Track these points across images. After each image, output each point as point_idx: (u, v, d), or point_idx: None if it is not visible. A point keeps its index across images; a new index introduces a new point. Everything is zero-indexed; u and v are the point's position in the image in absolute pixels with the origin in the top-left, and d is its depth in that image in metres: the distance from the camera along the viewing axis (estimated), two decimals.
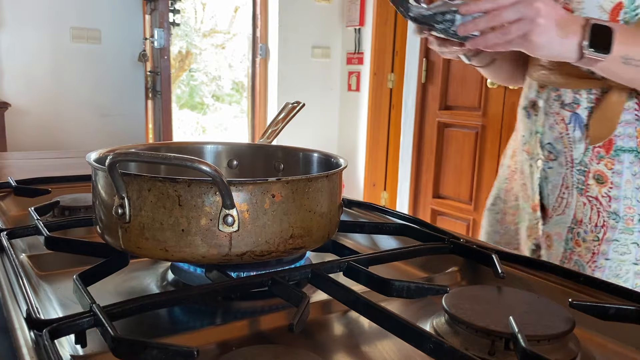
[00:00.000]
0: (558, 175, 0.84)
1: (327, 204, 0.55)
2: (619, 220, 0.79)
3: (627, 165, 0.78)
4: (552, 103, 0.83)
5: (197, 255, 0.49)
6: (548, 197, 0.85)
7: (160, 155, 0.48)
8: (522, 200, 0.93)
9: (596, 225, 0.80)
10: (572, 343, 0.44)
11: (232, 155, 0.76)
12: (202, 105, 6.01)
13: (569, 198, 0.83)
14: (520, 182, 0.94)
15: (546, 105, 0.84)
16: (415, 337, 0.41)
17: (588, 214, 0.81)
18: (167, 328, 0.50)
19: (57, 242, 0.60)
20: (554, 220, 0.85)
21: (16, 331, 0.41)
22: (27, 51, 3.31)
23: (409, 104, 3.58)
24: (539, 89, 0.86)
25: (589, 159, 0.80)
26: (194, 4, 5.54)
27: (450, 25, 0.71)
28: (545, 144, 0.85)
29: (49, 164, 1.37)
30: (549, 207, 0.86)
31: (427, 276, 0.64)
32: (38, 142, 3.35)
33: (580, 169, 0.81)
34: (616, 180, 0.78)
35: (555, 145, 0.83)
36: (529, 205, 0.90)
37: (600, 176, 0.79)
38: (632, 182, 0.78)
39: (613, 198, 0.79)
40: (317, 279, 0.52)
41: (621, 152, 0.78)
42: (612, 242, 0.79)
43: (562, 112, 0.82)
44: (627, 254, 0.79)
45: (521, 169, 0.93)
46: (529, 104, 0.89)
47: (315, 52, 4.08)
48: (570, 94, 0.81)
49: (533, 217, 0.89)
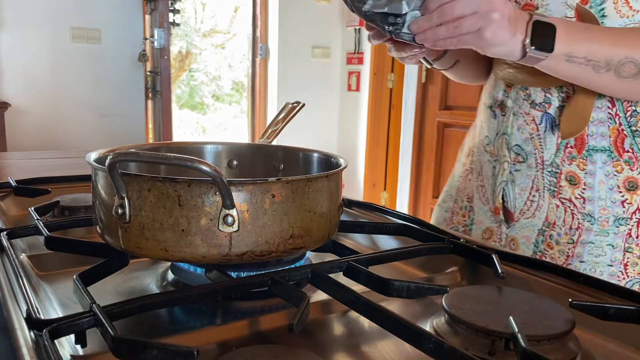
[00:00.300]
0: (527, 178, 0.81)
1: (327, 204, 0.55)
2: (594, 222, 0.77)
3: (600, 166, 0.76)
4: (522, 103, 0.81)
5: (197, 255, 0.49)
6: (514, 200, 0.83)
7: (160, 155, 0.48)
8: (478, 202, 0.90)
9: (571, 228, 0.78)
10: (572, 343, 0.44)
11: (232, 155, 0.76)
12: (202, 105, 6.01)
13: (539, 201, 0.80)
14: (476, 183, 0.91)
15: (515, 105, 0.82)
16: (415, 337, 0.41)
17: (562, 216, 0.79)
18: (167, 328, 0.50)
19: (57, 242, 0.60)
20: (520, 224, 0.83)
21: (16, 331, 0.41)
22: (27, 51, 3.31)
23: (409, 104, 3.58)
24: (506, 88, 0.83)
25: (560, 160, 0.78)
26: (194, 4, 5.54)
27: (401, 26, 0.66)
28: (513, 146, 0.82)
29: (49, 164, 1.37)
30: (513, 211, 0.83)
31: (427, 276, 0.64)
32: (38, 142, 3.35)
33: (552, 170, 0.79)
34: (589, 181, 0.77)
35: (523, 146, 0.81)
36: (488, 208, 0.88)
37: (572, 177, 0.77)
38: (606, 183, 0.76)
39: (587, 200, 0.77)
40: (317, 279, 0.52)
41: (594, 152, 0.76)
42: (587, 245, 0.78)
43: (533, 112, 0.79)
44: (602, 255, 0.77)
45: (480, 170, 0.90)
46: (495, 103, 0.86)
47: (315, 52, 4.08)
48: (541, 92, 0.79)
49: (493, 220, 0.86)
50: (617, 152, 0.76)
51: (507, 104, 0.83)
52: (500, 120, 0.85)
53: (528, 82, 0.79)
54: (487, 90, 0.91)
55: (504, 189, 0.84)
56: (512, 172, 0.83)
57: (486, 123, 0.88)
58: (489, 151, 0.88)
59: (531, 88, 0.80)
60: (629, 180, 0.76)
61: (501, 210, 0.85)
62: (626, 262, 0.77)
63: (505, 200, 0.84)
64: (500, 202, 0.84)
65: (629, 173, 0.76)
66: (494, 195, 0.86)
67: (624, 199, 0.76)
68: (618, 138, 0.76)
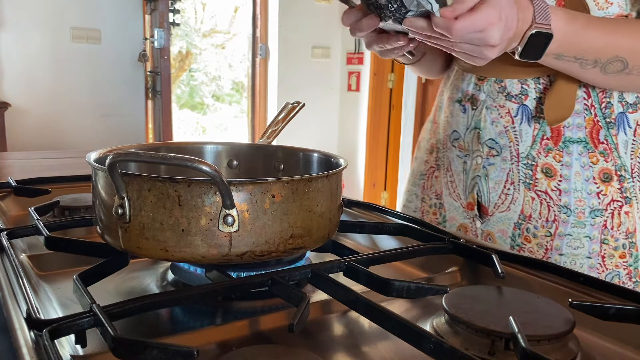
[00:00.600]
0: (501, 171, 0.80)
1: (327, 204, 0.55)
2: (570, 214, 0.77)
3: (576, 157, 0.76)
4: (496, 95, 0.80)
5: (197, 255, 0.49)
6: (488, 194, 0.82)
7: (160, 155, 0.48)
8: (448, 199, 0.89)
9: (547, 220, 0.78)
10: (572, 343, 0.44)
11: (232, 155, 0.76)
12: (202, 105, 6.01)
13: (514, 194, 0.80)
14: (445, 179, 0.90)
15: (488, 99, 0.80)
16: (415, 337, 0.41)
17: (537, 209, 0.79)
18: (167, 328, 0.50)
19: (57, 242, 0.60)
20: (495, 218, 0.82)
21: (16, 331, 0.41)
22: (27, 51, 3.31)
23: (409, 104, 3.58)
24: (478, 81, 0.82)
25: (536, 152, 0.78)
26: (194, 4, 5.54)
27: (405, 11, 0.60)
28: (486, 140, 0.81)
29: (49, 164, 1.37)
30: (487, 205, 0.83)
31: (427, 276, 0.64)
32: (38, 142, 3.35)
33: (527, 162, 0.78)
34: (565, 172, 0.77)
35: (498, 140, 0.80)
36: (460, 204, 0.87)
37: (549, 169, 0.77)
38: (582, 174, 0.76)
39: (563, 191, 0.77)
40: (317, 279, 0.52)
41: (570, 143, 0.76)
42: (565, 237, 0.78)
43: (508, 104, 0.79)
44: (580, 247, 0.77)
45: (448, 166, 0.89)
46: (465, 98, 0.85)
47: (315, 52, 4.08)
48: (518, 84, 0.78)
49: (465, 216, 0.86)
50: (593, 143, 0.76)
51: (479, 98, 0.82)
52: (470, 115, 0.83)
53: (502, 75, 0.78)
54: (453, 84, 0.89)
55: (478, 184, 0.83)
56: (486, 166, 0.82)
57: (454, 118, 0.87)
58: (458, 146, 0.86)
59: (507, 80, 0.78)
60: (604, 171, 0.76)
61: (475, 205, 0.84)
62: (603, 254, 0.78)
63: (479, 195, 0.84)
64: (474, 197, 0.84)
65: (604, 164, 0.76)
66: (466, 191, 0.85)
67: (599, 190, 0.77)
68: (593, 129, 0.76)
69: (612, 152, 0.76)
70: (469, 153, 0.84)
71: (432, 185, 0.93)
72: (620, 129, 0.77)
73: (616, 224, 0.77)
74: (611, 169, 0.76)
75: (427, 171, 0.95)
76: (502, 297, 0.51)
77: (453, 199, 0.88)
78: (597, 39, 0.68)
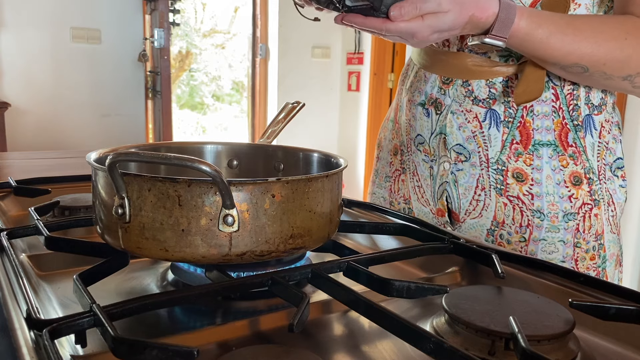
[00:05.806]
0: (471, 177, 0.79)
1: (327, 204, 0.55)
2: (544, 218, 0.76)
3: (547, 160, 0.75)
4: (463, 100, 0.77)
5: (197, 255, 0.49)
6: (458, 200, 0.80)
7: (160, 155, 0.48)
8: (417, 204, 0.87)
9: (521, 226, 0.77)
10: (572, 343, 0.44)
11: (232, 155, 0.76)
12: (202, 105, 6.01)
13: (486, 200, 0.78)
14: (412, 184, 0.88)
15: (454, 104, 0.78)
16: (415, 337, 0.41)
17: (510, 215, 0.77)
18: (167, 328, 0.50)
19: (57, 242, 0.60)
20: (467, 225, 0.81)
21: (16, 331, 0.41)
22: (28, 51, 3.31)
23: None
24: (443, 85, 0.80)
25: (506, 157, 0.76)
26: (194, 4, 5.54)
27: None
28: (454, 145, 0.79)
29: (49, 164, 1.37)
30: (458, 211, 0.81)
31: (427, 276, 0.64)
32: (38, 142, 3.35)
33: (498, 167, 0.77)
34: (536, 176, 0.76)
35: (465, 145, 0.78)
36: (429, 209, 0.85)
37: (519, 174, 0.76)
38: (552, 178, 0.75)
39: (535, 195, 0.76)
40: (317, 279, 0.52)
41: (539, 146, 0.75)
42: (540, 242, 0.77)
43: (475, 108, 0.77)
44: (555, 252, 0.77)
45: (414, 170, 0.87)
46: (429, 101, 0.82)
47: (315, 52, 4.08)
48: (485, 87, 0.76)
49: (436, 222, 0.84)
50: (562, 146, 0.76)
51: (444, 102, 0.80)
52: (435, 119, 0.81)
53: (468, 75, 0.77)
54: (414, 86, 0.86)
55: (447, 190, 0.81)
56: (454, 172, 0.80)
57: (417, 122, 0.85)
58: (423, 150, 0.84)
59: (474, 83, 0.77)
60: (574, 175, 0.76)
61: (446, 211, 0.83)
62: (576, 258, 0.77)
63: (448, 202, 0.82)
64: (444, 204, 0.82)
65: (574, 167, 0.76)
66: (435, 197, 0.83)
67: (571, 194, 0.76)
68: (562, 132, 0.76)
69: (581, 155, 0.76)
70: (435, 158, 0.82)
71: (400, 189, 0.91)
72: (587, 132, 0.76)
73: (587, 227, 0.77)
74: (581, 172, 0.76)
75: (392, 173, 0.93)
76: (502, 297, 0.51)
77: (422, 204, 0.86)
78: (558, 50, 0.68)
